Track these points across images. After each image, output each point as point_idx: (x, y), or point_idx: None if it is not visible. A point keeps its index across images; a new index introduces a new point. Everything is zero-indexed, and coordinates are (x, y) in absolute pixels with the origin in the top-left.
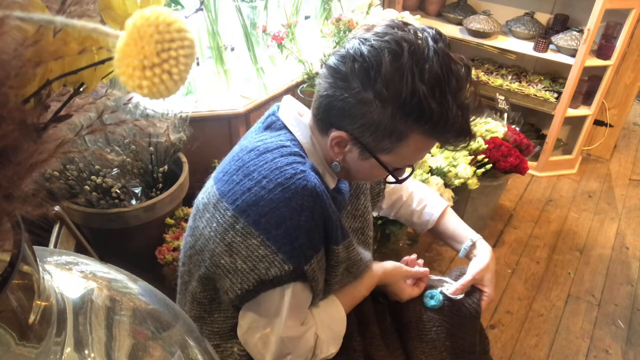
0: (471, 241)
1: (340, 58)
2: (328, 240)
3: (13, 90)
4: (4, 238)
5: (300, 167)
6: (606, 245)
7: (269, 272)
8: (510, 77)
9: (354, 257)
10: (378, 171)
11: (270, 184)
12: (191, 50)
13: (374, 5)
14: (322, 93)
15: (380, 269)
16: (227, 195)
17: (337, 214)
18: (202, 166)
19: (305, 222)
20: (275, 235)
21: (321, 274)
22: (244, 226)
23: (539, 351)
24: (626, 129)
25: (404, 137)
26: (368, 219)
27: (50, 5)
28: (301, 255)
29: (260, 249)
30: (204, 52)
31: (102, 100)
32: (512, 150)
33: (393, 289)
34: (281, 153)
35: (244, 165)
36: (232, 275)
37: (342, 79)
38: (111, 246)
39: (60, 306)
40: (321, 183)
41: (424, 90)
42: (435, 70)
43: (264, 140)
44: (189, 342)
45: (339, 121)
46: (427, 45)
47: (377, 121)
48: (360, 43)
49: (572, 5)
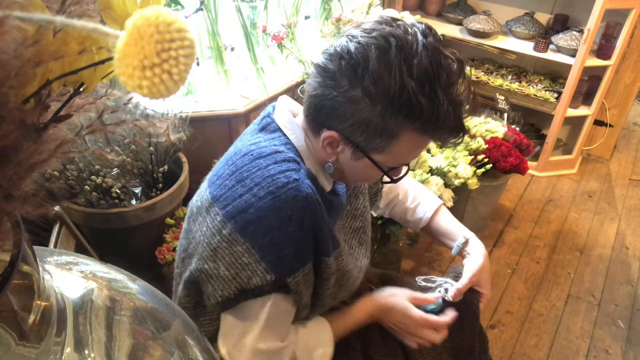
0: (464, 238)
1: (328, 56)
2: (319, 252)
3: (13, 90)
4: (4, 238)
5: (293, 176)
6: (606, 245)
7: (251, 281)
8: (510, 77)
9: (343, 268)
10: (372, 171)
11: (262, 191)
12: (191, 50)
13: (374, 5)
14: (312, 93)
15: (381, 304)
16: (219, 200)
17: (328, 224)
18: (202, 166)
19: (293, 233)
20: (260, 244)
21: (307, 288)
22: (231, 232)
23: (539, 351)
24: (626, 129)
25: (396, 135)
26: (367, 218)
27: (50, 5)
28: (285, 266)
29: (245, 256)
30: (204, 52)
31: (102, 100)
32: (512, 150)
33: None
34: (275, 159)
35: (237, 171)
36: (214, 281)
37: (331, 77)
38: (111, 246)
39: (60, 306)
40: (315, 192)
41: (413, 86)
42: (424, 65)
43: (258, 143)
44: (189, 341)
45: (330, 121)
46: (416, 40)
47: (367, 119)
48: (347, 40)
49: (572, 5)
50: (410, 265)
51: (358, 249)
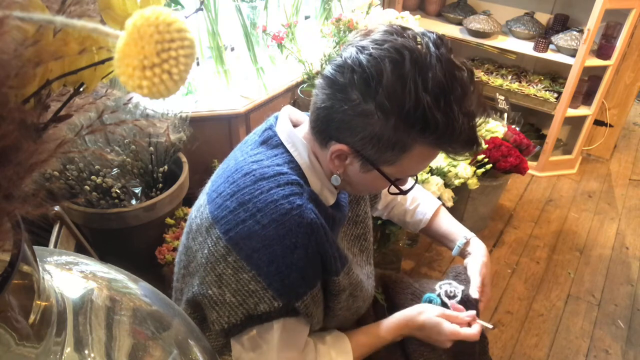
0: (465, 238)
1: (337, 68)
2: (327, 273)
3: (13, 90)
4: (4, 238)
5: (297, 201)
6: (606, 245)
7: (258, 308)
8: (510, 77)
9: (355, 280)
10: (380, 182)
11: (265, 218)
12: (191, 50)
13: (374, 5)
14: (320, 105)
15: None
16: (220, 223)
17: (334, 245)
18: (202, 166)
19: (298, 260)
20: (267, 272)
21: (317, 308)
22: (236, 259)
23: (539, 351)
24: (626, 129)
25: (408, 149)
26: (368, 224)
27: (50, 5)
28: (292, 292)
29: (251, 283)
30: (204, 52)
31: (102, 100)
32: (512, 150)
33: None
34: (278, 182)
35: (239, 191)
36: (219, 308)
37: (341, 90)
38: (111, 246)
39: (60, 306)
40: (318, 215)
41: (429, 101)
42: (438, 78)
43: (261, 162)
44: (189, 341)
45: (339, 134)
46: (429, 51)
47: (379, 133)
48: (358, 51)
49: (572, 5)
50: (410, 265)
51: (360, 257)
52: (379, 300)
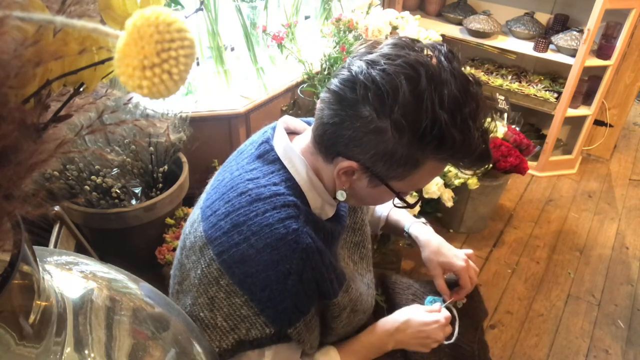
0: (407, 229)
1: (345, 82)
2: (325, 297)
3: (13, 90)
4: (4, 238)
5: (292, 226)
6: (606, 245)
7: (250, 334)
8: (510, 77)
9: (354, 296)
10: (387, 196)
11: (260, 243)
12: (191, 50)
13: (374, 5)
14: (327, 121)
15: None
16: (214, 244)
17: (331, 267)
18: (202, 166)
19: (292, 287)
20: (260, 297)
21: (310, 334)
22: (229, 283)
23: (539, 351)
24: (626, 129)
25: (420, 165)
26: (366, 231)
27: (50, 5)
28: (285, 319)
29: (243, 308)
30: (204, 52)
31: (102, 100)
32: (512, 150)
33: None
34: (274, 204)
35: (233, 212)
36: (210, 331)
37: (350, 106)
38: (111, 246)
39: (60, 306)
40: (315, 239)
41: (445, 118)
42: (454, 94)
43: (257, 181)
44: (189, 341)
45: (348, 150)
46: (443, 66)
47: (391, 150)
48: (368, 66)
49: (572, 5)
50: (410, 265)
51: (360, 264)
52: (379, 302)
